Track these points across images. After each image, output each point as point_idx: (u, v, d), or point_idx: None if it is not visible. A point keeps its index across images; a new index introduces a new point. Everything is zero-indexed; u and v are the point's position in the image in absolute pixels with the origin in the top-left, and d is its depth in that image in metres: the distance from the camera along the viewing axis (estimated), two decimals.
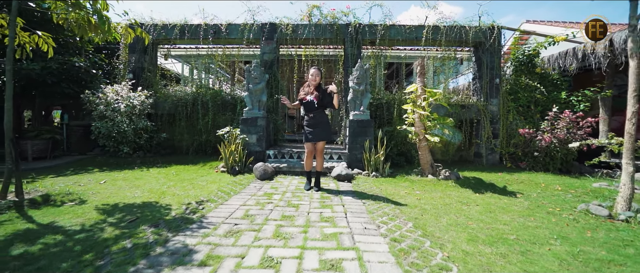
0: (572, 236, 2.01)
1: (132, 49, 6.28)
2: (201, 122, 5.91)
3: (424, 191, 3.44)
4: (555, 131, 4.95)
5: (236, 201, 2.76)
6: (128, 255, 1.56)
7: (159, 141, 5.84)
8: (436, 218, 2.37)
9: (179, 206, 2.54)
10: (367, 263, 1.51)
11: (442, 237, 1.94)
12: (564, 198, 3.21)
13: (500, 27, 6.10)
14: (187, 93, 6.19)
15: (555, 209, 2.77)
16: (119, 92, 5.27)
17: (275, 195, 3.09)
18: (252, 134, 4.88)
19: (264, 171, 3.99)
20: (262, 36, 5.98)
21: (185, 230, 1.96)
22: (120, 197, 2.84)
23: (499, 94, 6.05)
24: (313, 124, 3.27)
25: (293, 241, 1.80)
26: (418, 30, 6.04)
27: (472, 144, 6.24)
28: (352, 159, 4.75)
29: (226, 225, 2.08)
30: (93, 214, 2.29)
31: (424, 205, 2.77)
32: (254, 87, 4.91)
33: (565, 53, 6.45)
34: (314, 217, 2.32)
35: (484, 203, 2.92)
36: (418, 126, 4.23)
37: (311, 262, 1.53)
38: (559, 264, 1.58)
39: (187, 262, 1.49)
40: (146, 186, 3.41)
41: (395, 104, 5.74)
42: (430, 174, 4.29)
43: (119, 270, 1.40)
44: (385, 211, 2.53)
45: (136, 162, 5.12)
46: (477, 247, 1.78)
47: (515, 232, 2.07)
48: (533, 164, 5.23)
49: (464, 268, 1.49)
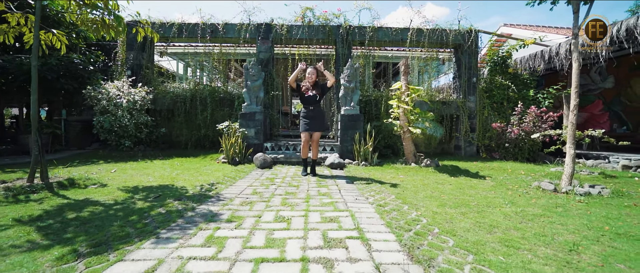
0: (520, 202, 2.53)
1: (130, 47, 6.46)
2: (200, 117, 6.19)
3: (407, 175, 3.93)
4: (523, 125, 5.59)
5: (243, 184, 3.14)
6: (166, 217, 1.92)
7: (159, 135, 6.07)
8: (415, 193, 2.84)
9: (193, 188, 2.89)
10: (358, 218, 1.94)
11: (418, 204, 2.40)
12: (524, 179, 3.77)
13: (477, 30, 6.71)
14: (186, 89, 6.44)
15: (514, 186, 3.31)
16: (120, 88, 5.48)
17: (276, 179, 3.48)
18: (250, 128, 5.23)
19: (263, 161, 4.37)
20: (258, 36, 6.32)
21: (206, 201, 2.33)
22: (136, 181, 3.15)
23: (476, 92, 6.66)
24: (312, 116, 3.68)
25: (298, 207, 2.21)
26: (403, 32, 6.55)
27: (453, 138, 6.84)
28: (344, 151, 5.20)
29: (239, 198, 2.46)
30: (118, 193, 2.61)
31: (406, 185, 3.24)
32: (252, 84, 5.25)
33: (534, 55, 7.16)
34: (313, 193, 2.74)
35: (457, 183, 3.43)
36: (402, 120, 4.72)
37: (314, 218, 1.94)
38: (503, 217, 2.07)
39: (216, 220, 1.87)
40: (156, 173, 3.72)
41: (383, 100, 6.23)
42: (413, 162, 4.79)
43: (164, 224, 1.77)
44: (373, 189, 2.98)
45: (138, 155, 5.36)
46: (444, 210, 2.26)
47: (476, 201, 2.57)
48: (505, 155, 5.87)
49: (432, 221, 1.96)
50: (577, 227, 1.89)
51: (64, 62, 5.69)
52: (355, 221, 1.87)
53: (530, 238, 1.68)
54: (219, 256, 1.34)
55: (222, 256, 1.34)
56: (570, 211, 2.27)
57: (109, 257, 1.30)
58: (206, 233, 1.62)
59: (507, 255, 1.44)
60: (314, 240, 1.55)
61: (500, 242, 1.60)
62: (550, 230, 1.83)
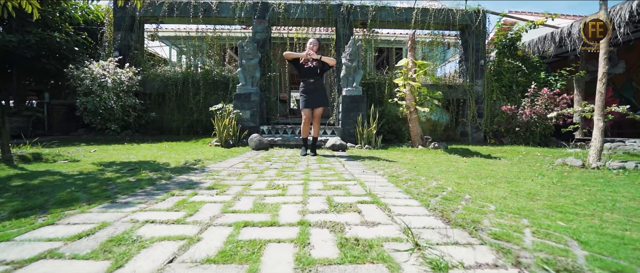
0: (551, 175, 2.20)
1: (118, 27, 6.06)
2: (192, 101, 5.82)
3: (415, 155, 3.59)
4: (535, 107, 5.26)
5: (234, 160, 2.79)
6: (134, 184, 1.58)
7: (148, 120, 5.70)
8: (428, 169, 2.51)
9: (177, 163, 2.54)
10: (369, 186, 1.60)
11: (435, 176, 2.07)
12: (541, 159, 3.45)
13: (485, 11, 6.35)
14: (177, 72, 6.06)
15: (535, 164, 2.99)
16: (105, 67, 5.09)
17: (272, 157, 3.13)
18: (245, 110, 4.87)
19: (259, 141, 4.02)
20: (254, 15, 5.93)
21: (188, 172, 1.99)
22: (115, 158, 2.79)
23: (483, 75, 6.32)
24: (312, 90, 3.32)
25: (296, 178, 1.87)
26: (408, 12, 6.18)
27: (459, 124, 6.51)
28: (345, 134, 4.86)
29: (228, 170, 2.11)
30: (89, 166, 2.26)
31: (417, 162, 2.91)
32: (247, 63, 4.89)
33: (544, 38, 6.82)
34: (314, 167, 2.39)
35: (472, 162, 3.09)
36: (409, 99, 4.38)
37: (316, 186, 1.60)
38: (541, 187, 1.74)
39: (195, 187, 1.52)
40: (139, 153, 3.36)
41: (386, 84, 5.88)
42: (420, 145, 4.46)
43: (128, 191, 1.42)
44: (381, 165, 2.64)
45: (125, 139, 4.99)
46: (468, 181, 1.92)
47: (497, 174, 2.24)
48: (514, 139, 5.54)
49: (458, 189, 1.62)
50: (634, 195, 1.56)
51: (46, 41, 5.29)
52: (365, 188, 1.53)
53: (585, 204, 1.34)
54: (187, 220, 1.00)
55: (192, 220, 1.00)
56: (613, 181, 1.94)
57: (36, 221, 0.96)
58: (177, 199, 1.28)
59: (567, 220, 1.10)
60: (317, 205, 1.22)
61: (550, 209, 1.26)
62: (604, 197, 1.50)
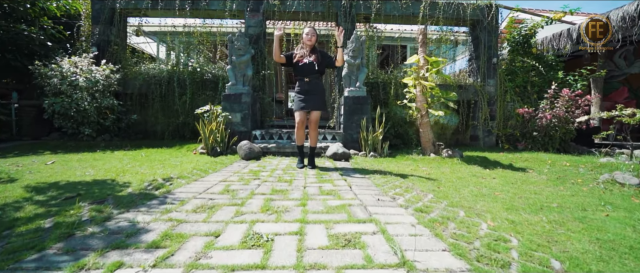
0: (619, 203, 1.70)
1: (96, 20, 5.48)
2: (178, 102, 5.26)
3: (430, 167, 3.09)
4: (555, 109, 4.78)
5: (215, 178, 2.26)
6: (38, 237, 1.04)
7: (129, 123, 5.14)
8: (456, 190, 2.01)
9: (140, 183, 2.00)
10: (395, 238, 1.08)
11: (474, 207, 1.56)
12: (577, 172, 2.96)
13: (497, 5, 5.86)
14: (162, 70, 5.50)
15: (577, 180, 2.50)
16: (77, 64, 4.53)
17: (262, 172, 2.61)
18: (235, 113, 4.33)
19: (249, 150, 3.49)
20: (247, 7, 5.39)
21: (140, 206, 1.45)
22: (65, 176, 2.25)
23: (496, 74, 5.83)
24: (308, 91, 2.80)
25: (289, 215, 1.35)
26: (415, 5, 5.67)
27: (469, 127, 6.02)
28: (348, 139, 4.34)
29: (198, 200, 1.59)
30: (18, 192, 1.72)
31: (438, 178, 2.41)
32: (237, 60, 4.35)
33: (559, 35, 6.35)
34: (313, 191, 1.87)
35: (500, 176, 2.60)
36: (420, 101, 3.87)
37: (317, 237, 1.08)
38: (633, 229, 1.24)
39: (130, 244, 0.99)
40: (104, 166, 2.82)
41: (392, 84, 5.37)
42: (432, 153, 3.96)
43: (10, 259, 0.88)
44: (396, 184, 2.13)
45: (100, 145, 4.44)
46: (521, 216, 1.42)
47: (554, 201, 1.74)
48: (531, 145, 5.06)
49: (524, 239, 1.11)
50: None
51: (11, 34, 4.71)
52: (393, 246, 1.01)
53: None
54: None
55: None
56: None
57: None
58: None
59: None
60: None
61: None
62: None
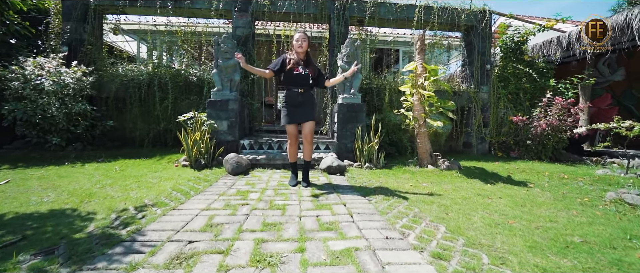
0: None
1: (67, 16, 5.01)
2: (159, 107, 4.88)
3: (431, 183, 2.93)
4: (549, 118, 4.77)
5: (197, 204, 1.98)
6: None
7: (104, 130, 4.71)
8: (466, 217, 1.83)
9: (107, 215, 1.70)
10: None
11: (494, 245, 1.38)
12: (579, 187, 2.89)
13: (491, 11, 5.83)
14: (142, 72, 5.09)
15: (584, 199, 2.40)
16: (43, 66, 4.08)
17: (252, 193, 2.35)
18: (222, 121, 4.03)
19: (237, 164, 3.21)
20: (235, 7, 5.08)
21: (99, 259, 1.17)
22: (15, 204, 1.91)
23: (489, 81, 5.81)
24: (300, 102, 2.55)
25: (285, 268, 1.11)
26: (409, 9, 5.54)
27: (462, 134, 5.97)
28: (342, 149, 4.14)
29: (174, 244, 1.32)
30: None
31: (442, 200, 2.23)
32: (224, 64, 4.05)
33: (549, 42, 6.41)
34: (310, 224, 1.64)
35: (505, 196, 2.47)
36: (418, 110, 3.72)
37: None
38: None
39: None
40: (69, 186, 2.47)
41: (387, 89, 5.21)
42: (429, 164, 3.82)
43: None
44: (401, 210, 1.94)
45: (70, 156, 4.01)
46: (549, 259, 1.25)
47: (573, 231, 1.59)
48: (524, 153, 5.05)
49: None
50: None
51: None
52: None
53: None
54: None
55: None
56: None
57: None
58: None
59: None
60: None
61: None
62: None
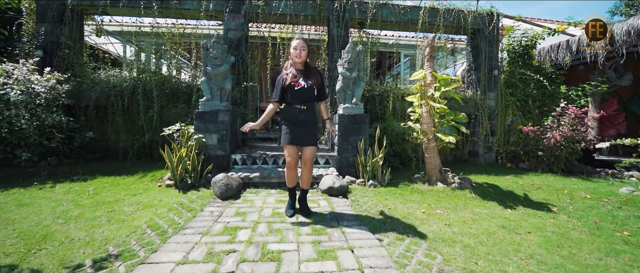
0: None
1: (42, 17, 4.58)
2: (143, 117, 4.48)
3: (444, 209, 2.61)
4: (562, 129, 4.49)
5: (172, 254, 1.62)
6: None
7: (83, 142, 4.31)
8: (501, 269, 1.51)
9: None
10: None
11: None
12: (609, 212, 2.59)
13: (498, 14, 5.53)
14: (125, 79, 4.69)
15: (624, 232, 2.10)
16: (11, 73, 3.66)
17: (240, 230, 1.99)
18: (211, 134, 3.66)
19: (226, 187, 2.84)
20: (226, 8, 4.70)
21: None
22: None
23: (497, 87, 5.51)
24: (302, 121, 2.21)
25: None
26: (413, 11, 5.22)
27: (467, 142, 5.67)
28: (343, 164, 3.80)
29: None
30: None
31: (464, 238, 1.91)
32: (213, 71, 3.67)
33: (557, 46, 6.14)
34: None
35: (533, 228, 2.15)
36: (427, 123, 3.39)
37: None
38: None
39: None
40: (25, 221, 2.09)
41: (390, 96, 4.88)
42: (438, 181, 3.49)
43: None
44: (421, 260, 1.60)
45: (41, 174, 3.60)
46: None
47: None
48: (536, 164, 4.76)
49: None
50: None
51: None
52: None
53: None
54: None
55: None
56: None
57: None
58: None
59: None
60: None
61: None
62: None
